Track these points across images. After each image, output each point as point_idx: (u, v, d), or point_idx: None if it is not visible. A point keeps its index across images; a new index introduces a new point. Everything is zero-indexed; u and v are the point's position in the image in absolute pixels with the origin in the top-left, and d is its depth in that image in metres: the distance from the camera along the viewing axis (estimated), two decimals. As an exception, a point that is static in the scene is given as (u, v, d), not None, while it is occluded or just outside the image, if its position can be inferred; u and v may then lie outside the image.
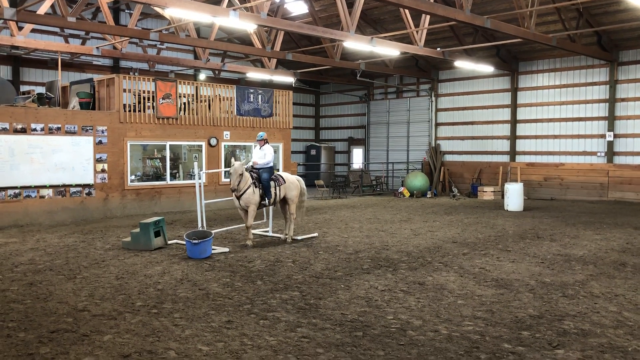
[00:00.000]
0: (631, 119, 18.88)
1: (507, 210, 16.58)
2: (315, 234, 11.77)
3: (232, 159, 10.75)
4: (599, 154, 19.65)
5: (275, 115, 19.03)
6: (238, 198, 10.53)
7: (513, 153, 21.85)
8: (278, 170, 17.08)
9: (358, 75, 22.60)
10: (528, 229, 12.75)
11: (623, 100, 19.06)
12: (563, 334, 5.56)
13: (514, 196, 16.77)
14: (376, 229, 12.74)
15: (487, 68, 19.88)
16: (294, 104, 20.59)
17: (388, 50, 16.23)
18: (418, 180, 21.71)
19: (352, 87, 27.08)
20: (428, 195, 21.66)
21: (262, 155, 10.91)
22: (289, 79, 22.89)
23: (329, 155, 27.71)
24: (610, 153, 19.32)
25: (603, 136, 19.50)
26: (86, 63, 20.80)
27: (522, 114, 21.67)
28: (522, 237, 11.59)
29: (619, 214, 15.68)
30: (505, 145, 22.12)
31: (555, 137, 20.74)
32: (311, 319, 6.00)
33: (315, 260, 9.20)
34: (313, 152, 27.59)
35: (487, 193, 20.59)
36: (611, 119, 19.22)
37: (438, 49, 17.72)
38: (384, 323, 5.89)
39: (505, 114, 22.08)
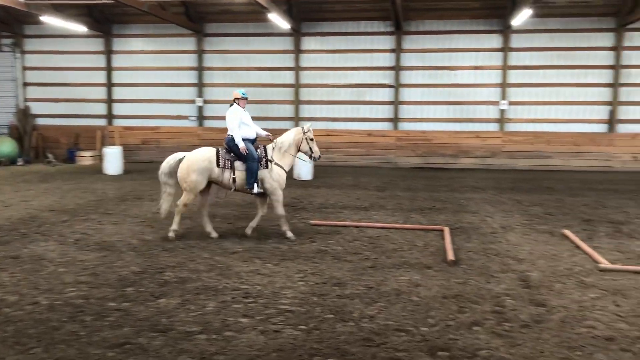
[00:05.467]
0: (216, 87, 20.99)
1: (107, 174, 16.46)
2: None
3: (306, 125, 8.49)
4: (190, 118, 21.27)
5: None
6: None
7: (111, 117, 21.68)
8: None
9: None
10: (129, 191, 12.98)
11: (209, 69, 20.99)
12: (164, 284, 5.97)
13: (113, 160, 16.76)
14: (-46, 204, 10.95)
15: (80, 27, 18.95)
16: None
17: (-43, -7, 13.78)
18: (5, 146, 19.45)
19: None
20: (19, 163, 19.61)
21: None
22: None
23: None
24: (201, 117, 21.16)
25: (194, 101, 21.14)
26: None
27: (118, 77, 21.57)
28: (123, 200, 11.75)
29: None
30: (103, 109, 21.72)
31: (151, 101, 21.42)
32: None
33: None
34: None
35: (85, 158, 19.92)
36: (200, 86, 20.98)
37: (22, -1, 15.97)
38: (-29, 306, 5.21)
39: (102, 77, 21.61)
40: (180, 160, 8.18)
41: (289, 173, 8.66)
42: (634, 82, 18.75)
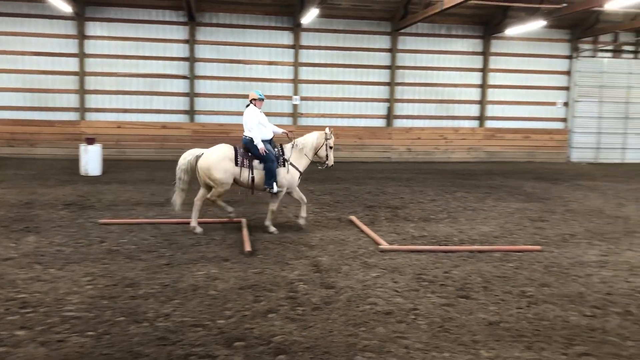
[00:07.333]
0: (-16, 72, 18.49)
1: None
2: None
3: (328, 130, 8.55)
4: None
5: None
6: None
7: None
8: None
9: None
10: None
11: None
12: None
13: None
14: None
15: None
16: None
17: None
18: None
19: None
20: None
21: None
22: None
23: None
24: (-36, 107, 18.42)
25: (-46, 88, 18.33)
26: None
27: None
28: None
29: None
30: None
31: None
32: None
33: None
34: None
35: None
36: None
37: None
38: None
39: None
40: (198, 157, 8.19)
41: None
42: (406, 82, 20.98)
